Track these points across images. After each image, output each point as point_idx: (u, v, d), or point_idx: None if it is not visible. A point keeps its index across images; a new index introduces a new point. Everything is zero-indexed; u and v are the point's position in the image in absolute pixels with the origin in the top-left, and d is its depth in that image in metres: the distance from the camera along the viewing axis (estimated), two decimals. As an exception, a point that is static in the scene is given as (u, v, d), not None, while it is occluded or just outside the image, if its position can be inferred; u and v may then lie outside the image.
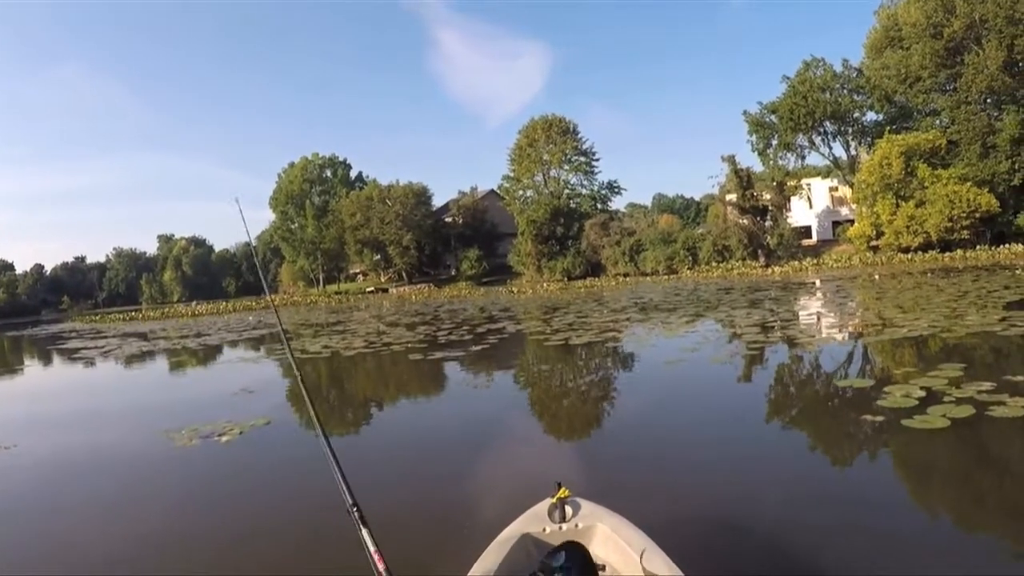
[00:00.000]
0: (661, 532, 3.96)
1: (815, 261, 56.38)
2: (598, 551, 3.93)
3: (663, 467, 7.82)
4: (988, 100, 53.28)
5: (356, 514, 3.10)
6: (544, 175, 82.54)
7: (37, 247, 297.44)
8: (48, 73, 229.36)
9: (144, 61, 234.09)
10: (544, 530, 4.07)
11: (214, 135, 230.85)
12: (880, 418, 8.39)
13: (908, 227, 51.13)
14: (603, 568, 3.78)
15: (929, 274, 35.06)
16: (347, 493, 3.26)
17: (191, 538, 6.63)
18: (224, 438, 10.19)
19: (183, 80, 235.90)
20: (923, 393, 9.28)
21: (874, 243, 55.33)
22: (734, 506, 6.33)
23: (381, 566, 2.83)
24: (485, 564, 3.71)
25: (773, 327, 18.92)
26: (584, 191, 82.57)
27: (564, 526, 4.07)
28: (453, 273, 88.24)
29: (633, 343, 18.90)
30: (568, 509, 4.18)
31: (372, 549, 2.89)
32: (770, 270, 54.22)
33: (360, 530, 3.01)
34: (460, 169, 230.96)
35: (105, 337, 40.73)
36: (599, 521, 4.08)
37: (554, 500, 4.23)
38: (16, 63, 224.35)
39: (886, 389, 9.73)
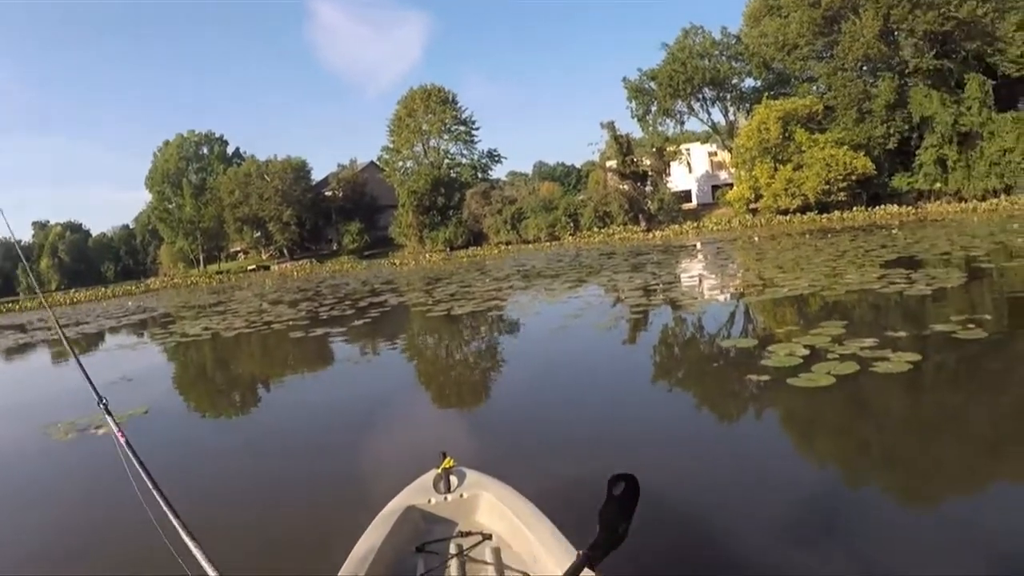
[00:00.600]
0: (547, 499, 3.82)
1: (695, 225, 57.07)
2: (483, 520, 3.88)
3: (549, 434, 7.66)
4: (864, 67, 54.48)
5: (103, 406, 3.81)
6: (424, 145, 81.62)
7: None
8: None
9: None
10: (429, 501, 3.99)
11: (86, 114, 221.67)
12: (765, 377, 8.21)
13: (786, 190, 52.14)
14: (489, 537, 3.64)
15: (807, 235, 35.65)
16: (94, 390, 4.02)
17: (68, 536, 6.38)
18: (102, 430, 9.51)
19: (44, 54, 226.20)
20: (807, 352, 9.20)
21: (753, 206, 56.32)
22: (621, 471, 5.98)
23: (122, 440, 3.44)
24: (370, 538, 3.58)
25: (656, 290, 18.79)
26: (464, 160, 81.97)
27: (449, 496, 4.00)
28: (335, 248, 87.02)
29: (517, 311, 18.61)
30: (453, 479, 4.10)
31: (115, 430, 3.54)
32: (651, 234, 54.79)
33: (106, 416, 3.73)
34: (339, 142, 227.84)
35: None
36: (484, 490, 4.00)
37: (439, 470, 4.13)
38: None
39: (770, 348, 9.60)
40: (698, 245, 39.16)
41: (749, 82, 65.10)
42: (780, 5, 56.70)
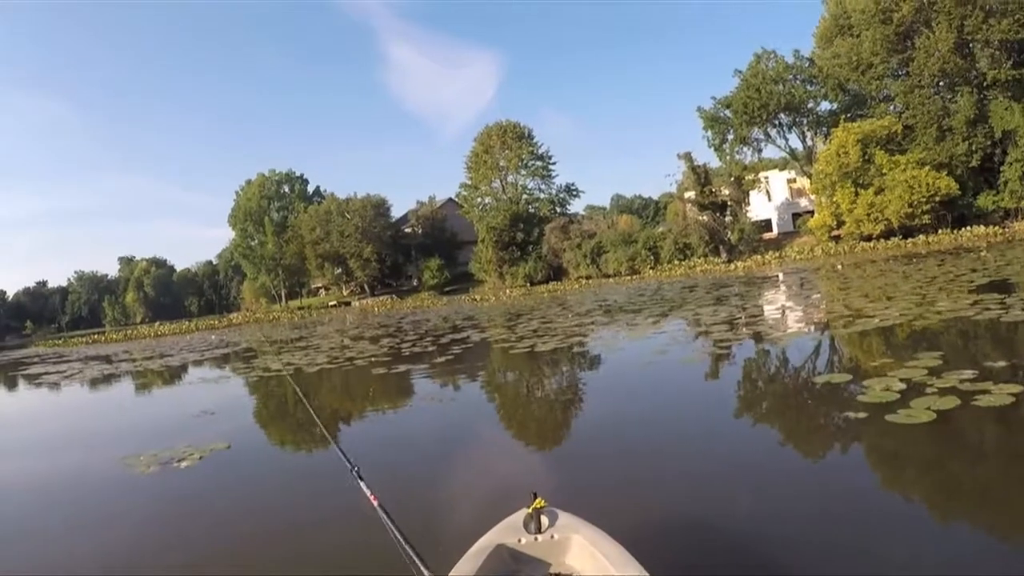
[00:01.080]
0: (640, 544, 3.87)
1: (777, 254, 56.45)
2: (574, 563, 3.89)
3: (640, 476, 7.42)
4: (941, 83, 53.55)
5: (355, 472, 4.45)
6: (501, 181, 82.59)
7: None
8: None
9: (86, 84, 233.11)
10: (519, 541, 4.00)
11: (169, 156, 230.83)
12: (862, 414, 7.99)
13: (869, 215, 51.25)
14: None
15: (891, 261, 35.07)
16: (345, 459, 4.74)
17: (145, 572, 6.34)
18: (184, 464, 9.73)
19: (130, 102, 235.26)
20: (903, 385, 8.89)
21: (835, 233, 55.46)
22: (719, 518, 5.95)
23: (376, 502, 3.89)
24: (459, 574, 3.64)
25: (741, 324, 18.58)
26: (542, 195, 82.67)
27: (540, 537, 4.00)
28: (415, 283, 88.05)
29: (600, 347, 18.36)
30: (544, 519, 4.09)
31: (368, 493, 4.02)
32: (733, 266, 54.17)
33: (358, 481, 4.34)
34: (417, 179, 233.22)
35: (68, 361, 40.49)
36: (575, 532, 3.98)
37: (529, 510, 4.12)
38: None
39: (865, 383, 9.35)
40: (780, 276, 38.68)
41: (825, 105, 64.38)
42: (851, 24, 56.03)
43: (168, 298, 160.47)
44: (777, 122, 64.71)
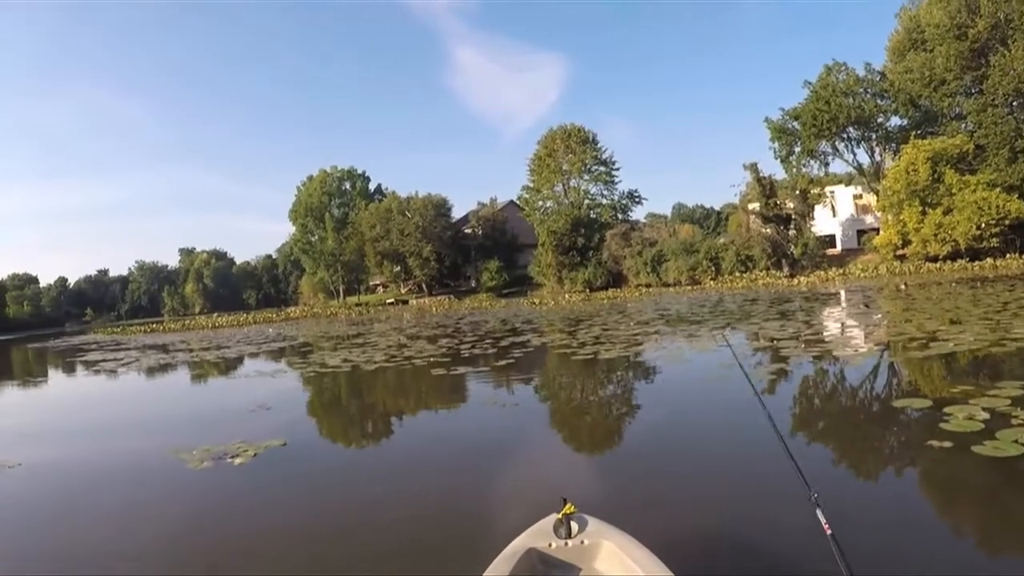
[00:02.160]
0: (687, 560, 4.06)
1: (840, 271, 55.87)
2: (603, 568, 3.99)
3: (711, 499, 7.16)
4: (1015, 103, 52.66)
5: (814, 499, 3.83)
6: (564, 185, 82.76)
7: (60, 261, 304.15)
8: (61, 91, 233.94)
9: (157, 79, 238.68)
10: (550, 545, 4.09)
11: (233, 151, 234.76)
12: (947, 443, 7.74)
13: (936, 235, 50.44)
14: None
15: (956, 284, 34.44)
16: (805, 483, 4.02)
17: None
18: (238, 460, 9.66)
19: (199, 98, 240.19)
20: (986, 415, 8.66)
21: (900, 252, 54.65)
22: (801, 549, 5.67)
23: (828, 531, 3.50)
24: None
25: (809, 341, 18.30)
26: (604, 201, 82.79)
27: (570, 542, 4.10)
28: (473, 284, 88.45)
29: (664, 358, 18.13)
30: (574, 525, 4.20)
31: (824, 523, 3.59)
32: (795, 280, 53.75)
33: (816, 509, 3.74)
34: (478, 180, 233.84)
35: (125, 349, 41.29)
36: (605, 538, 4.09)
37: (560, 516, 4.23)
38: (29, 83, 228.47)
39: (947, 410, 9.09)
40: (843, 293, 38.24)
41: (895, 120, 63.27)
42: (924, 39, 55.19)
43: (227, 290, 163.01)
44: (845, 136, 63.87)
